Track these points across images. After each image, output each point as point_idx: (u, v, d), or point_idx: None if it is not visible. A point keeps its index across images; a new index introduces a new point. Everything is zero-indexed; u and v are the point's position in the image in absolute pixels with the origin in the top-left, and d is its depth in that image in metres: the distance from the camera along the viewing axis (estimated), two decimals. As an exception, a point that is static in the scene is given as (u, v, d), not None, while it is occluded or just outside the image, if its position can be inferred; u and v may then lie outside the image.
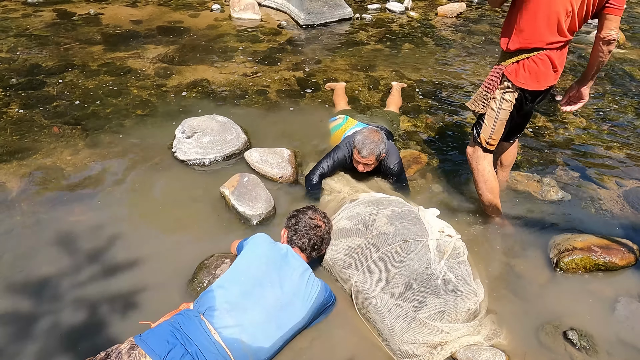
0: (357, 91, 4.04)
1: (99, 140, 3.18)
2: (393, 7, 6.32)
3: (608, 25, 2.05)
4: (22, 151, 3.02)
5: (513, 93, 2.22)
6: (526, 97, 2.24)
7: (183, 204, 2.65)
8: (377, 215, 2.37)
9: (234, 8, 5.68)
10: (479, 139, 2.38)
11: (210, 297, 1.74)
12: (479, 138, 2.38)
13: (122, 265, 2.25)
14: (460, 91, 4.16)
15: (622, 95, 4.23)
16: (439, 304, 1.96)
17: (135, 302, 2.06)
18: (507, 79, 2.20)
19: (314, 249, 2.04)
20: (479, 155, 2.42)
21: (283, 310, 1.79)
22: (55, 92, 3.76)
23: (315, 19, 5.54)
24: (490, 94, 2.27)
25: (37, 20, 5.25)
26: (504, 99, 2.24)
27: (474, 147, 2.44)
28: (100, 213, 2.56)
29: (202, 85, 3.98)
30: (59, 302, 2.06)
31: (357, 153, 2.63)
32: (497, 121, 2.29)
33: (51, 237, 2.38)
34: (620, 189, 2.95)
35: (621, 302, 2.18)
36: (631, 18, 6.55)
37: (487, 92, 2.27)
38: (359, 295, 2.05)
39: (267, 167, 2.89)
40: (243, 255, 1.92)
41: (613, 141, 3.48)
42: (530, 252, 2.47)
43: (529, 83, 2.17)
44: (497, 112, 2.28)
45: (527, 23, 2.05)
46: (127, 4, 5.97)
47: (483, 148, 2.40)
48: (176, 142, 3.06)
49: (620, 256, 2.33)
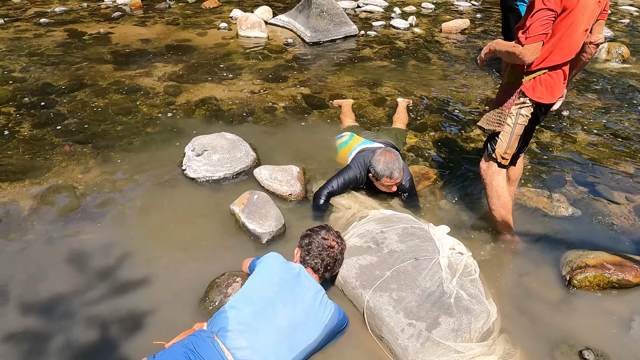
0: (363, 107, 4.07)
1: (110, 159, 3.21)
2: (398, 23, 6.40)
3: (598, 29, 2.20)
4: (33, 170, 3.05)
5: (529, 108, 2.25)
6: (541, 110, 2.28)
7: (193, 221, 2.66)
8: (388, 233, 2.37)
9: (241, 26, 5.77)
10: (494, 155, 2.39)
11: (223, 318, 1.74)
12: (494, 153, 2.39)
13: (134, 283, 2.25)
14: (466, 106, 4.19)
15: (629, 109, 4.23)
16: (452, 323, 1.94)
17: (148, 321, 2.06)
18: (523, 95, 2.23)
19: (327, 270, 2.04)
20: (494, 171, 2.43)
21: (295, 331, 1.78)
22: (66, 110, 3.81)
23: (321, 37, 5.62)
24: (506, 112, 2.29)
25: (48, 40, 5.36)
26: (520, 114, 2.27)
27: (488, 163, 2.44)
28: (112, 231, 2.58)
29: (211, 103, 4.02)
30: (71, 321, 2.06)
31: (387, 180, 2.64)
32: (513, 136, 2.31)
33: (63, 256, 2.39)
34: (630, 204, 2.94)
35: (636, 320, 2.15)
36: (635, 32, 6.59)
37: (502, 110, 2.30)
38: (371, 314, 2.04)
39: (277, 185, 2.90)
40: (255, 275, 1.92)
41: (621, 155, 3.47)
42: (542, 269, 2.45)
43: (545, 97, 2.20)
44: (513, 128, 2.30)
45: (555, 46, 2.09)
46: (136, 23, 6.09)
47: (498, 163, 2.40)
48: (186, 160, 3.09)
49: (634, 273, 2.31)
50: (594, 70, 5.08)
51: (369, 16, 6.88)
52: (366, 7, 7.23)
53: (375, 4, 7.33)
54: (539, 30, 2.01)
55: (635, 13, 7.64)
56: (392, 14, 6.91)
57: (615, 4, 8.27)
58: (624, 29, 6.73)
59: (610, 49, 5.43)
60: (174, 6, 6.98)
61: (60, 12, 6.42)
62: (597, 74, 4.99)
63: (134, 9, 6.70)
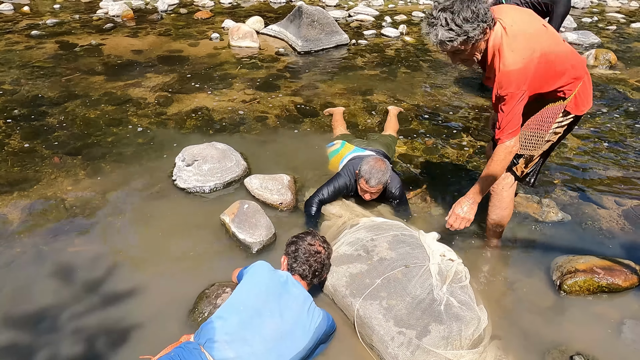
0: (354, 116, 4.09)
1: (100, 170, 3.20)
2: (388, 32, 6.46)
3: None
4: (23, 182, 3.03)
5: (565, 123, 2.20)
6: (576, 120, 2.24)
7: (183, 232, 2.65)
8: (378, 241, 2.36)
9: (232, 36, 5.80)
10: (515, 169, 2.31)
11: (210, 329, 1.72)
12: (515, 168, 2.31)
13: (122, 296, 2.23)
14: (456, 114, 4.22)
15: (617, 115, 4.28)
16: (442, 330, 1.93)
17: (135, 334, 2.03)
18: (567, 113, 2.16)
19: (315, 276, 2.03)
20: (508, 182, 2.35)
21: (283, 340, 1.77)
22: (56, 122, 3.80)
23: (312, 46, 5.65)
24: (545, 134, 2.20)
25: (39, 52, 5.36)
26: (556, 131, 2.21)
27: (506, 174, 2.33)
28: (101, 243, 2.56)
29: (202, 113, 4.03)
30: (58, 335, 2.03)
31: (364, 183, 2.64)
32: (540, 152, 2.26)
33: (51, 269, 2.37)
34: (619, 209, 2.96)
35: (627, 324, 2.15)
36: (622, 38, 6.69)
37: (539, 133, 2.20)
38: (361, 323, 2.03)
39: (267, 194, 2.90)
40: (242, 285, 1.91)
41: (610, 161, 3.50)
42: (533, 274, 2.45)
43: (586, 105, 2.17)
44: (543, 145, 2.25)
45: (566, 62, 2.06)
46: (128, 34, 6.11)
47: (515, 176, 2.34)
48: (176, 170, 3.09)
49: (624, 277, 2.31)
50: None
51: (360, 25, 6.95)
52: (357, 16, 7.30)
53: (366, 13, 7.41)
54: (517, 123, 2.01)
55: (622, 20, 7.76)
56: (383, 23, 6.98)
57: (602, 11, 8.40)
58: (611, 36, 6.83)
59: (597, 55, 5.50)
60: (166, 17, 7.01)
61: (52, 24, 6.43)
62: (585, 80, 5.05)
63: (126, 20, 6.72)
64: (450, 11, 1.85)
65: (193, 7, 7.55)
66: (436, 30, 1.88)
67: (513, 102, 1.96)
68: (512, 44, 1.92)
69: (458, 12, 1.84)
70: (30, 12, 7.03)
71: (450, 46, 1.92)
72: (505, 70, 1.93)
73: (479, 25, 1.86)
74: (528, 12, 2.13)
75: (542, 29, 2.04)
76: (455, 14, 1.85)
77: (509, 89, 1.94)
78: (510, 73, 1.92)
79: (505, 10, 2.05)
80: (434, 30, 1.89)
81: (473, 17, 1.84)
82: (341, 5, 8.05)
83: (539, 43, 1.96)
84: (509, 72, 1.92)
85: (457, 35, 1.87)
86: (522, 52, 1.92)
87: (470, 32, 1.86)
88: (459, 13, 1.84)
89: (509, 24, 1.95)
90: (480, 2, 1.88)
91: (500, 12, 2.02)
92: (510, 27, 1.94)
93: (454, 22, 1.85)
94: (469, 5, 1.84)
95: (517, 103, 1.97)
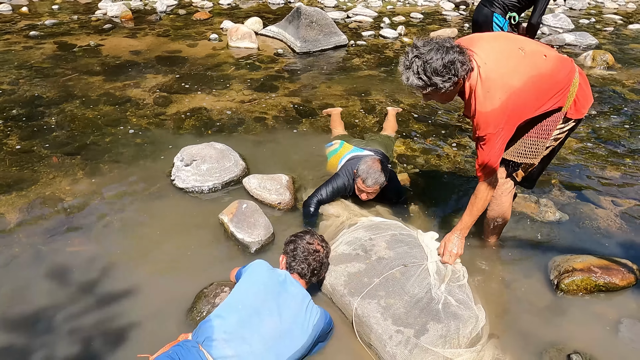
0: (353, 116, 4.10)
1: (98, 170, 3.20)
2: (387, 33, 6.48)
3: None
4: (21, 182, 3.03)
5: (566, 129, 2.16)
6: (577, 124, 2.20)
7: (182, 232, 2.65)
8: (376, 240, 2.37)
9: (231, 37, 5.81)
10: (515, 175, 2.29)
11: (209, 327, 1.72)
12: (515, 174, 2.29)
13: (120, 295, 2.23)
14: (454, 114, 4.23)
15: (614, 115, 4.30)
16: (440, 329, 1.94)
17: (134, 334, 2.03)
18: (567, 119, 2.12)
19: (314, 274, 2.03)
20: (507, 188, 2.35)
21: (282, 338, 1.77)
22: (54, 122, 3.80)
23: (310, 47, 5.67)
24: (545, 141, 2.16)
25: (38, 52, 5.36)
26: (555, 138, 2.18)
27: (505, 179, 2.33)
28: (99, 243, 2.55)
29: (200, 113, 4.03)
30: (56, 334, 2.03)
31: (361, 183, 2.65)
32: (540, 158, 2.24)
33: (49, 269, 2.37)
34: (616, 209, 2.97)
35: (624, 323, 2.16)
36: (619, 39, 6.72)
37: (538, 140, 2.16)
38: (359, 321, 2.03)
39: (266, 194, 2.90)
40: (241, 283, 1.91)
41: (607, 161, 3.52)
42: (531, 273, 2.46)
43: (586, 107, 2.12)
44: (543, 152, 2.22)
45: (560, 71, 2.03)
46: (126, 35, 6.11)
47: (516, 181, 2.33)
48: (175, 170, 3.09)
49: (621, 276, 2.32)
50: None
51: (359, 26, 6.97)
52: (355, 17, 7.32)
53: (365, 14, 7.43)
54: (497, 159, 2.02)
55: (619, 21, 7.80)
56: (381, 24, 7.00)
57: (600, 12, 8.44)
58: (609, 37, 6.86)
59: (595, 57, 5.53)
60: (164, 18, 7.02)
61: (50, 24, 6.43)
62: (582, 80, 5.07)
63: (125, 21, 6.72)
64: (423, 60, 1.82)
65: (192, 8, 7.57)
66: (408, 74, 1.88)
67: (492, 141, 1.96)
68: (486, 84, 1.89)
69: (430, 63, 1.81)
70: (28, 12, 7.03)
71: (419, 91, 1.94)
72: (482, 112, 1.91)
73: (449, 79, 1.83)
74: (503, 39, 2.06)
75: (518, 55, 1.95)
76: (427, 64, 1.81)
77: (487, 130, 1.93)
78: (488, 115, 1.90)
79: (477, 43, 1.97)
80: (406, 72, 1.89)
81: (444, 71, 1.81)
82: (340, 7, 8.07)
83: (517, 74, 1.91)
84: (486, 114, 1.90)
85: (426, 85, 1.86)
86: (497, 92, 1.88)
87: (439, 84, 1.84)
88: (430, 64, 1.80)
89: (482, 62, 1.90)
90: (458, 53, 1.82)
91: (472, 44, 1.96)
92: (483, 67, 1.90)
93: (425, 72, 1.82)
94: (443, 57, 1.79)
95: (497, 141, 1.97)
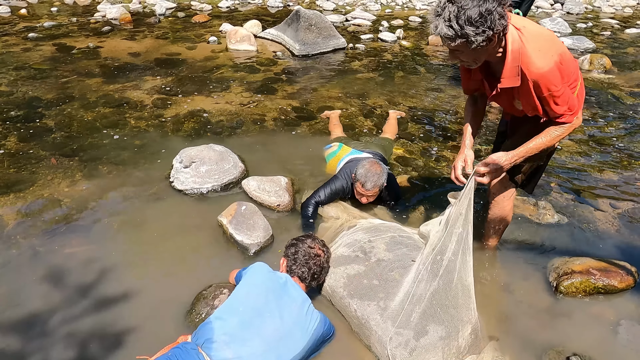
0: (351, 119, 4.10)
1: (97, 171, 3.19)
2: (385, 36, 6.50)
3: None
4: (19, 183, 3.02)
5: None
6: None
7: (181, 234, 2.64)
8: (376, 242, 2.37)
9: (230, 40, 5.82)
10: (517, 178, 2.27)
11: (209, 329, 1.72)
12: (517, 177, 2.27)
13: (119, 297, 2.22)
14: (453, 117, 4.24)
15: (612, 119, 4.32)
16: (440, 331, 1.94)
17: (133, 336, 2.02)
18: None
19: (314, 279, 2.03)
20: (509, 193, 2.33)
21: (282, 341, 1.76)
22: (53, 124, 3.79)
23: (309, 49, 5.68)
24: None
25: (36, 54, 5.35)
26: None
27: (509, 183, 2.31)
28: (97, 244, 2.54)
29: (200, 115, 4.03)
30: (55, 336, 2.01)
31: (360, 186, 2.65)
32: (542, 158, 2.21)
33: (47, 271, 2.35)
34: (614, 211, 2.98)
35: (623, 325, 2.16)
36: (616, 43, 6.76)
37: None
38: (359, 323, 2.03)
39: (265, 196, 2.90)
40: (242, 285, 1.91)
41: (605, 163, 3.53)
42: (530, 276, 2.46)
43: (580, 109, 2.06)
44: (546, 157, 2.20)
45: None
46: (125, 37, 6.11)
47: (517, 184, 2.31)
48: (174, 172, 3.08)
49: (619, 279, 2.33)
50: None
51: (357, 29, 6.99)
52: (354, 20, 7.34)
53: (363, 17, 7.45)
54: (578, 105, 1.90)
55: (616, 25, 7.85)
56: (380, 27, 7.03)
57: (597, 17, 8.49)
58: (606, 41, 6.91)
59: (592, 60, 5.56)
60: (163, 21, 7.02)
61: (49, 26, 6.43)
62: (580, 84, 5.10)
63: (124, 24, 6.73)
64: (458, 6, 1.59)
65: (191, 11, 7.58)
66: (437, 22, 1.65)
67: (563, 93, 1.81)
68: (535, 44, 1.75)
69: (465, 10, 1.58)
70: (27, 14, 7.03)
71: (447, 44, 1.70)
72: (538, 72, 1.75)
73: (484, 32, 1.61)
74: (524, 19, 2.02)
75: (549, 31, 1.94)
76: (461, 10, 1.58)
77: (553, 88, 1.77)
78: (546, 74, 1.75)
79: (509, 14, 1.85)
80: (435, 20, 1.66)
81: (479, 21, 1.58)
82: (338, 10, 8.10)
83: (555, 43, 1.82)
84: (544, 74, 1.75)
85: (455, 36, 1.63)
86: (550, 50, 1.76)
87: (471, 36, 1.61)
88: (465, 11, 1.58)
89: (521, 26, 1.77)
90: (497, 4, 1.60)
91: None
92: (524, 29, 1.76)
93: (457, 20, 1.59)
94: (480, 5, 1.57)
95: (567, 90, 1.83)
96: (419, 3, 8.82)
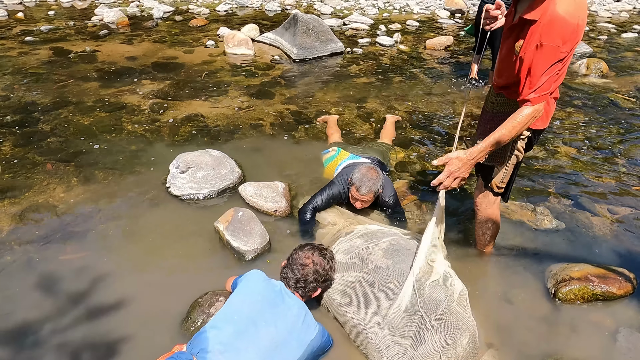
0: (349, 123, 4.09)
1: (93, 177, 3.17)
2: (383, 41, 6.50)
3: None
4: (14, 189, 2.99)
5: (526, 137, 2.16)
6: (536, 136, 2.20)
7: (177, 240, 2.62)
8: (373, 249, 2.35)
9: (228, 44, 5.81)
10: (490, 185, 2.31)
11: (203, 338, 1.70)
12: (490, 184, 2.31)
13: (114, 305, 2.20)
14: (451, 121, 4.23)
15: (609, 123, 4.32)
16: (438, 339, 1.92)
17: (127, 345, 2.00)
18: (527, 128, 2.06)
19: (298, 285, 1.98)
20: (489, 200, 2.36)
21: (278, 350, 1.74)
22: (49, 129, 3.77)
23: (307, 54, 5.67)
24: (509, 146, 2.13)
25: (33, 58, 5.33)
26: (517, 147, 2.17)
27: (484, 193, 2.36)
28: (92, 251, 2.52)
29: (196, 120, 4.01)
30: (49, 344, 1.99)
31: (355, 191, 2.64)
32: (509, 165, 2.23)
33: (42, 278, 2.33)
34: (613, 217, 2.97)
35: (622, 333, 2.15)
36: (613, 48, 6.78)
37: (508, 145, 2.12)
38: (356, 332, 2.01)
39: (262, 201, 2.88)
40: (236, 293, 1.89)
41: (603, 169, 3.53)
42: (528, 282, 2.45)
43: (544, 123, 2.11)
44: (510, 158, 2.22)
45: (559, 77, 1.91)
46: (123, 41, 6.10)
47: (493, 192, 2.33)
48: (170, 177, 3.06)
49: (618, 285, 2.32)
50: (574, 85, 5.19)
51: (355, 33, 6.99)
52: (352, 24, 7.34)
53: (361, 21, 7.46)
54: (550, 88, 1.78)
55: (612, 30, 7.88)
56: (378, 32, 7.03)
57: (593, 21, 8.52)
58: (603, 45, 6.93)
59: (589, 65, 5.57)
60: (161, 24, 7.01)
61: (46, 30, 6.41)
62: (577, 88, 5.11)
63: (121, 27, 6.72)
64: None
65: (188, 15, 7.58)
66: None
67: (553, 58, 1.67)
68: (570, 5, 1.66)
69: None
70: (24, 18, 7.01)
71: None
72: (558, 15, 1.61)
73: None
74: None
75: None
76: None
77: (554, 41, 1.64)
78: (563, 21, 1.61)
79: None
80: None
81: None
82: (336, 14, 8.11)
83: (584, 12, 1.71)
84: (561, 19, 1.62)
85: None
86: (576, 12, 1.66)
87: None
88: None
89: None
90: None
91: None
92: None
93: None
94: None
95: (556, 63, 1.69)
96: (417, 7, 8.85)
